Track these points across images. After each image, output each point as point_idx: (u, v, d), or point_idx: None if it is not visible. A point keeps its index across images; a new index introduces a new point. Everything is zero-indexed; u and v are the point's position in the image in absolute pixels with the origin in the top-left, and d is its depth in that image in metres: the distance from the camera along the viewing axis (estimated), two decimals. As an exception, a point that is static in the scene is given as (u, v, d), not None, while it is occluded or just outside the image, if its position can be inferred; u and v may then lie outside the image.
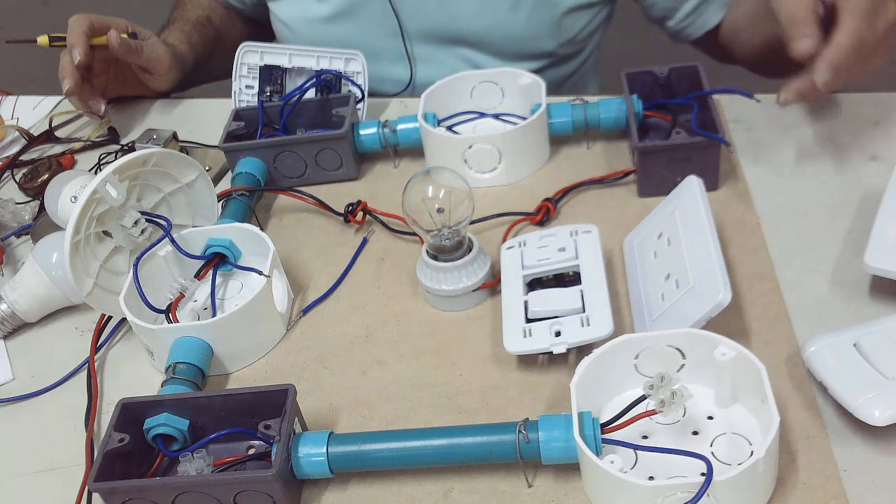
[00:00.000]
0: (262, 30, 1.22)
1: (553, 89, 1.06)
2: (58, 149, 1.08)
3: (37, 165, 1.02)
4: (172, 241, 0.78)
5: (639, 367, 0.64)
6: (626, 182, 0.85)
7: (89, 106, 1.05)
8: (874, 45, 0.74)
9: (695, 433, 0.62)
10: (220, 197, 0.87)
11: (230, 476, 0.62)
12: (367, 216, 0.87)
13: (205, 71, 1.17)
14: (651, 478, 0.59)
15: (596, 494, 0.60)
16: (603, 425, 0.60)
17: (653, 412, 0.59)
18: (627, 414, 0.60)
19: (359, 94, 0.96)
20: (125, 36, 1.02)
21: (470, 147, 0.87)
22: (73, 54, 0.99)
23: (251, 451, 0.67)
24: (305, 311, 0.80)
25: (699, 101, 0.83)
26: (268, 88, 1.00)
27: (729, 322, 0.70)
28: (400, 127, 0.92)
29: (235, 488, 0.61)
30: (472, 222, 0.80)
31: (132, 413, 0.66)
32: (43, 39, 1.04)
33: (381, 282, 0.81)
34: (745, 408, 0.62)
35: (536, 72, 0.91)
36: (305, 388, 0.73)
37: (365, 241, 0.86)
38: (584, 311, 0.69)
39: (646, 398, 0.59)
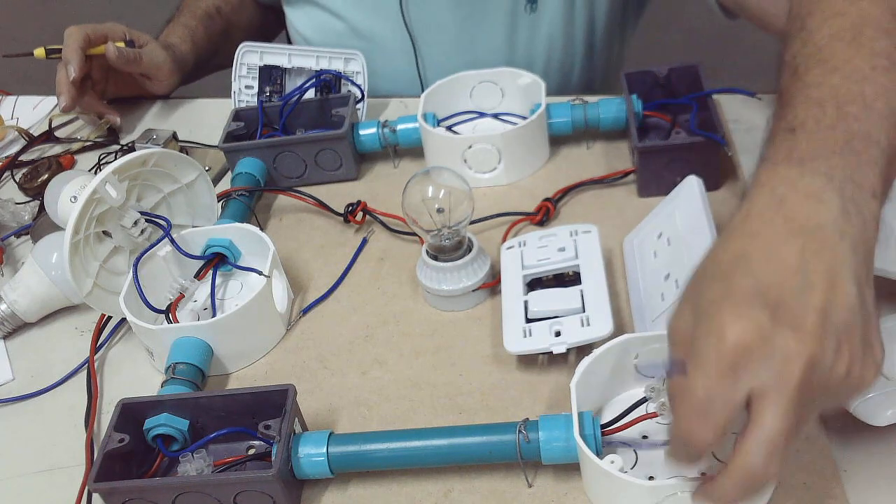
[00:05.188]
0: (276, 17, 1.19)
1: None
2: (58, 149, 1.08)
3: (37, 165, 1.02)
4: (172, 241, 0.78)
5: (639, 367, 0.64)
6: (626, 182, 0.85)
7: (106, 118, 1.06)
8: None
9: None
10: (220, 197, 0.87)
11: (230, 476, 0.62)
12: (367, 216, 0.87)
13: (209, 66, 1.16)
14: (651, 478, 0.59)
15: (596, 494, 0.60)
16: (603, 426, 0.60)
17: (654, 415, 0.59)
18: (628, 416, 0.60)
19: (358, 94, 0.96)
20: (122, 45, 1.01)
21: (470, 147, 0.87)
22: (68, 70, 0.99)
23: (251, 452, 0.67)
24: (305, 311, 0.80)
25: (699, 101, 0.83)
26: (267, 88, 1.00)
27: (729, 322, 0.70)
28: (400, 127, 0.92)
29: (235, 488, 0.61)
30: (472, 222, 0.80)
31: (132, 413, 0.66)
32: (39, 52, 1.04)
33: (381, 282, 0.81)
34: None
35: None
36: (305, 388, 0.73)
37: (365, 241, 0.86)
38: (584, 311, 0.69)
39: (647, 400, 0.59)
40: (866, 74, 0.54)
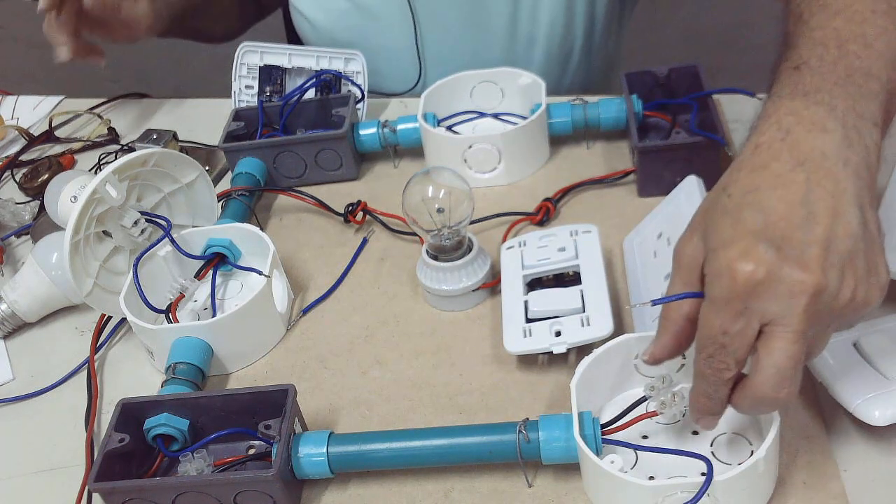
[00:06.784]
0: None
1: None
2: (58, 149, 1.08)
3: (37, 165, 1.02)
4: (172, 241, 0.78)
5: (639, 367, 0.64)
6: (626, 182, 0.85)
7: (89, 60, 0.99)
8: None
9: (695, 433, 0.62)
10: (220, 197, 0.87)
11: (230, 476, 0.62)
12: (367, 216, 0.87)
13: (190, 26, 1.11)
14: (651, 478, 0.59)
15: (596, 494, 0.60)
16: (603, 426, 0.60)
17: (653, 413, 0.59)
18: (628, 416, 0.60)
19: (358, 94, 0.96)
20: None
21: (470, 147, 0.87)
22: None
23: (251, 451, 0.67)
24: (305, 311, 0.80)
25: (699, 101, 0.83)
26: (268, 88, 1.00)
27: (729, 322, 0.70)
28: (400, 127, 0.92)
29: (236, 488, 0.61)
30: (472, 222, 0.80)
31: (132, 413, 0.66)
32: None
33: (381, 282, 0.81)
34: (745, 408, 0.62)
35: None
36: (305, 388, 0.73)
37: (365, 241, 0.86)
38: (584, 311, 0.69)
39: (646, 399, 0.59)
40: (866, 17, 0.57)
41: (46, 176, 1.00)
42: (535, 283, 0.75)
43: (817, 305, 0.49)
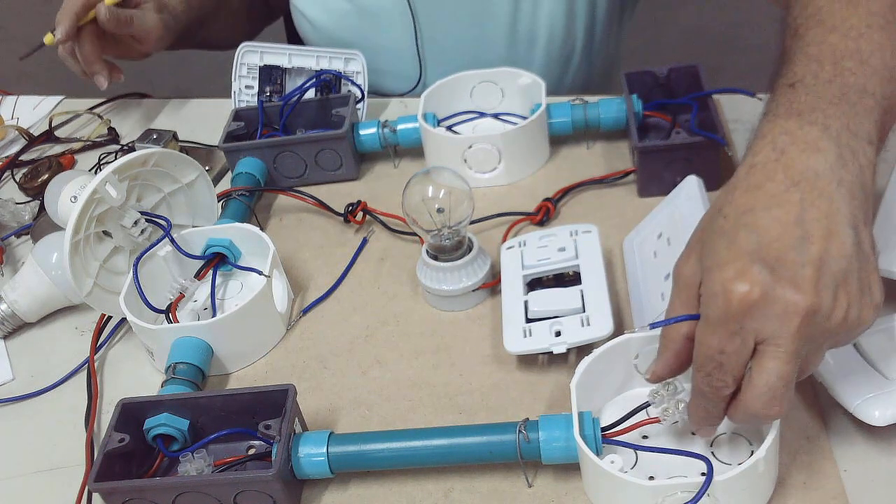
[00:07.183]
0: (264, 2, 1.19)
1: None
2: (58, 149, 1.08)
3: (37, 165, 1.02)
4: (172, 241, 0.78)
5: (639, 367, 0.64)
6: (626, 182, 0.85)
7: (111, 78, 1.02)
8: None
9: (695, 433, 0.62)
10: (220, 197, 0.87)
11: (230, 476, 0.62)
12: (367, 216, 0.87)
13: (198, 36, 1.13)
14: (651, 478, 0.59)
15: (596, 494, 0.60)
16: (603, 430, 0.60)
17: (655, 420, 0.59)
18: (629, 420, 0.60)
19: (358, 94, 0.96)
20: (114, 5, 0.97)
21: (470, 147, 0.87)
22: (55, 32, 0.96)
23: (251, 451, 0.67)
24: (305, 311, 0.80)
25: (699, 101, 0.84)
26: (267, 88, 1.00)
27: (729, 322, 0.70)
28: (400, 127, 0.92)
29: (236, 488, 0.61)
30: (472, 222, 0.80)
31: (132, 413, 0.66)
32: (49, 39, 1.01)
33: (381, 282, 0.81)
34: (745, 408, 0.62)
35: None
36: (305, 388, 0.73)
37: (365, 241, 0.86)
38: (584, 311, 0.69)
39: (648, 405, 0.59)
40: (862, 32, 0.57)
41: (46, 176, 1.00)
42: (535, 283, 0.75)
43: (810, 326, 0.49)
